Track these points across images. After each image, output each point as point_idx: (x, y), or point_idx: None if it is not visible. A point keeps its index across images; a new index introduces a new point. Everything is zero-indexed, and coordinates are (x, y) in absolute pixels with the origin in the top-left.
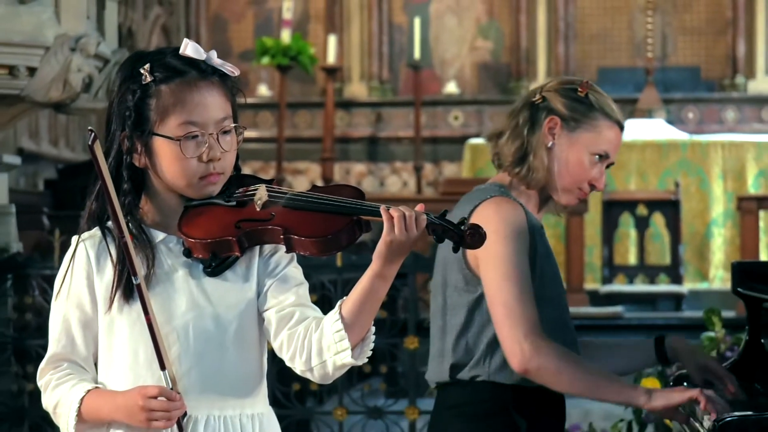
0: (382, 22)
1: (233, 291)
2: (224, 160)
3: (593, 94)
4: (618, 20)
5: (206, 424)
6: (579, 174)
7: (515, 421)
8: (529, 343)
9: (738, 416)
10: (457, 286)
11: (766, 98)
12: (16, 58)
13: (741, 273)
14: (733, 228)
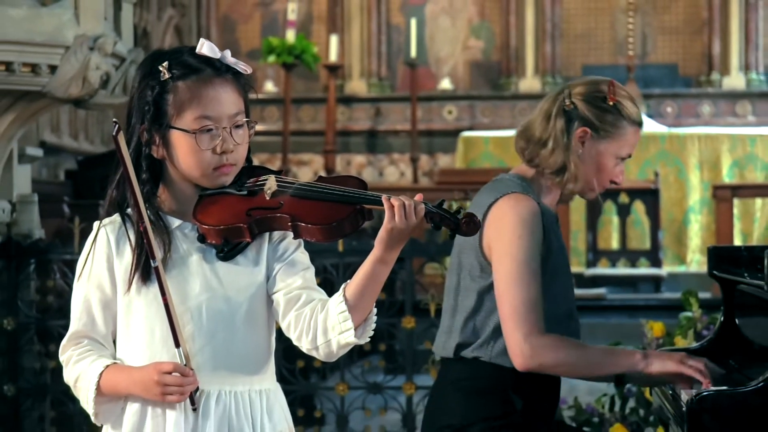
0: (380, 23)
1: (244, 274)
2: (237, 152)
3: (620, 101)
4: (601, 20)
5: (217, 398)
6: (605, 176)
7: (512, 400)
8: (529, 345)
9: (714, 390)
10: (472, 272)
11: (739, 94)
12: (38, 57)
13: (716, 257)
14: (709, 215)
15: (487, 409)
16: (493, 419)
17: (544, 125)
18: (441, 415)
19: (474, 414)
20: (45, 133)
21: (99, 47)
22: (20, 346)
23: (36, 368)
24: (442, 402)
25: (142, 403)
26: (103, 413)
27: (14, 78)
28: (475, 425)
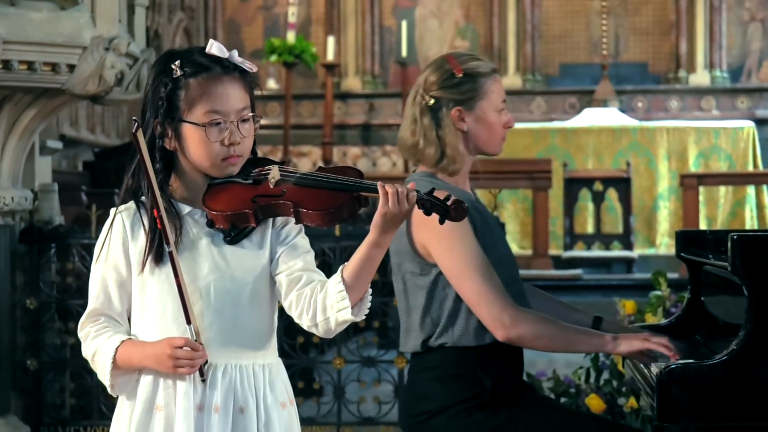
0: (373, 25)
1: (249, 257)
2: (243, 144)
3: (465, 68)
4: (577, 22)
5: (224, 371)
6: (497, 130)
7: (481, 380)
8: (507, 316)
9: (681, 364)
10: (413, 272)
11: (704, 90)
12: (58, 56)
13: (683, 240)
14: (677, 201)
15: (460, 392)
16: (466, 401)
17: (413, 128)
18: (417, 403)
19: (448, 398)
20: (64, 127)
21: (114, 48)
22: (42, 323)
23: (57, 344)
24: (417, 391)
25: (154, 375)
26: (119, 385)
27: (36, 76)
28: (450, 408)
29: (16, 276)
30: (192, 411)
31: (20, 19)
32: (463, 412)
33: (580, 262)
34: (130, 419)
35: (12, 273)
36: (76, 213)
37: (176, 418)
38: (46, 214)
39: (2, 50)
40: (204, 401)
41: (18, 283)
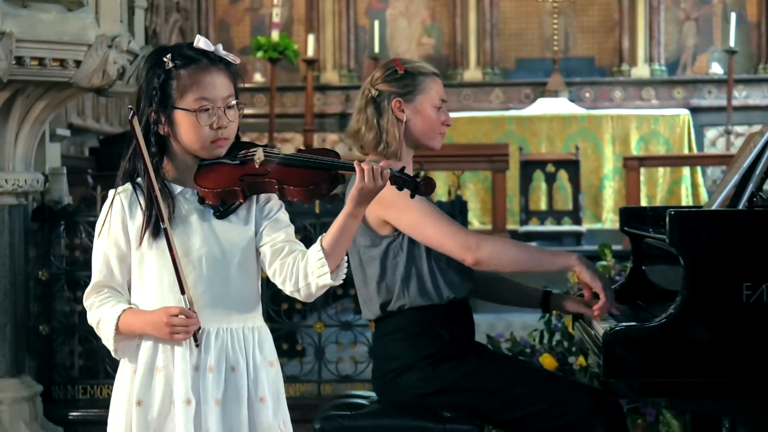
0: (349, 24)
1: (237, 231)
2: (229, 128)
3: (407, 67)
4: (531, 21)
5: (216, 334)
6: (434, 125)
7: (440, 334)
8: (472, 240)
9: (625, 326)
10: (366, 246)
11: (645, 81)
12: (66, 53)
13: (626, 216)
14: (620, 181)
15: (423, 348)
16: (431, 356)
17: (358, 117)
18: (387, 362)
19: (414, 355)
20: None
21: (116, 45)
22: (53, 293)
23: (66, 311)
24: (383, 353)
25: (154, 340)
26: (122, 349)
27: (46, 71)
28: (416, 364)
29: (30, 250)
30: (189, 371)
31: (31, 20)
32: (428, 366)
33: (535, 236)
34: (132, 379)
35: (26, 248)
36: (83, 194)
37: (175, 378)
38: (56, 195)
39: (15, 48)
40: (199, 362)
41: (31, 256)
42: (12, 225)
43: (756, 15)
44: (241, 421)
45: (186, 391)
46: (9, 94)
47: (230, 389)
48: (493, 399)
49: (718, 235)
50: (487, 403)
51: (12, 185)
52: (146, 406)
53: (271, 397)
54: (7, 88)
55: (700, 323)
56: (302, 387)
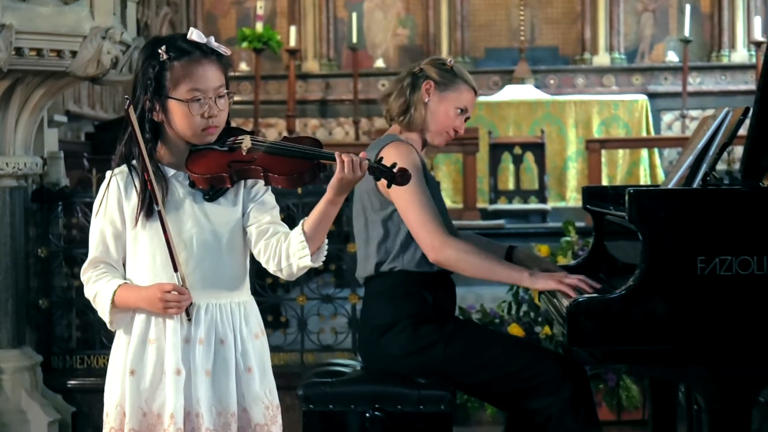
0: (329, 17)
1: (225, 212)
2: (220, 117)
3: (456, 67)
4: (499, 13)
5: (206, 309)
6: (447, 122)
7: (425, 298)
8: (437, 240)
9: (587, 297)
10: (374, 208)
11: (605, 69)
12: (62, 44)
13: (588, 195)
14: (583, 162)
15: (408, 308)
16: (414, 316)
17: (394, 85)
18: (373, 319)
19: (398, 314)
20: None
21: (109, 36)
22: (52, 269)
23: (64, 286)
24: (371, 309)
25: (147, 314)
26: (117, 321)
27: (44, 61)
28: (400, 322)
29: (29, 230)
30: (179, 343)
31: (30, 13)
32: (410, 327)
33: (503, 214)
34: (126, 350)
35: (26, 227)
36: (80, 176)
37: (166, 349)
38: (53, 177)
39: (15, 39)
40: (190, 335)
41: (31, 235)
42: (12, 206)
43: (709, 6)
44: (229, 391)
45: (176, 362)
46: (9, 83)
47: (219, 361)
48: (466, 361)
49: (674, 213)
50: (460, 366)
51: (12, 168)
52: (139, 376)
53: (257, 368)
54: (7, 77)
55: (657, 295)
56: (286, 356)
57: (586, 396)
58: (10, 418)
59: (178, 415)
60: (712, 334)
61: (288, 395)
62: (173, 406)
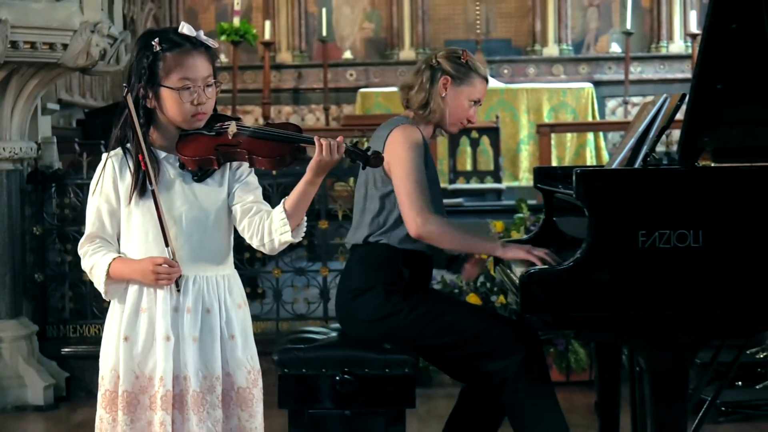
0: (300, 12)
1: (212, 192)
2: (208, 104)
3: (470, 60)
4: (457, 8)
5: (194, 281)
6: (462, 114)
7: (401, 271)
8: (421, 218)
9: (538, 268)
10: (376, 183)
11: (554, 59)
12: (54, 37)
13: (539, 174)
14: (534, 145)
15: (383, 277)
16: (388, 284)
17: (415, 77)
18: (350, 282)
19: (373, 281)
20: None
21: (98, 30)
22: (46, 245)
23: (57, 261)
24: (351, 273)
25: (139, 285)
26: (111, 292)
27: (37, 53)
28: (375, 288)
29: (25, 209)
30: (169, 312)
31: (24, 9)
32: (383, 293)
33: (462, 193)
34: (120, 318)
35: (21, 207)
36: (71, 160)
37: (157, 318)
38: (47, 161)
39: (10, 33)
40: (179, 304)
41: (26, 214)
42: (9, 187)
43: (649, 1)
44: (214, 356)
45: (166, 329)
46: (5, 74)
47: (205, 328)
48: (429, 326)
49: (617, 191)
50: (422, 330)
51: (9, 153)
52: (132, 342)
53: (240, 335)
54: (3, 68)
55: (602, 266)
56: (263, 324)
57: (538, 359)
58: (8, 383)
59: (167, 377)
60: (653, 302)
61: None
62: (163, 370)
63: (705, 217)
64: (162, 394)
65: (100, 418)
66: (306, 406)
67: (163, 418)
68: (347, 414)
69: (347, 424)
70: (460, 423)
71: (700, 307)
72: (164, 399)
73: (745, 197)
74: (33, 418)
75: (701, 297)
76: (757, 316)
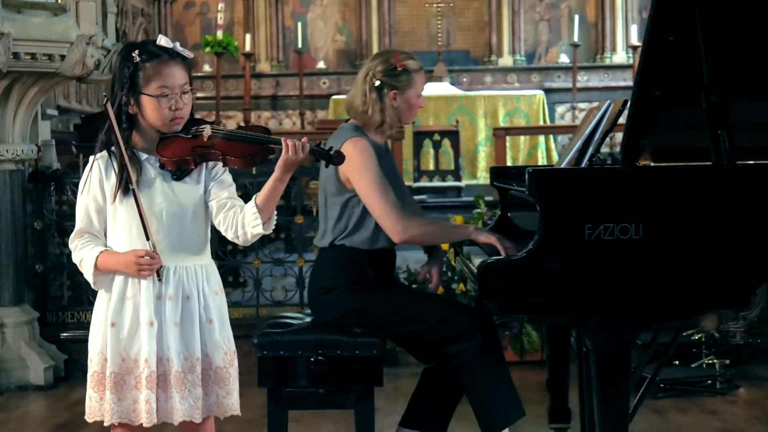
0: (278, 25)
1: (190, 190)
2: (185, 109)
3: (404, 63)
4: (420, 22)
5: (174, 271)
6: (414, 109)
7: (366, 271)
8: (400, 225)
9: (494, 259)
10: (333, 192)
11: (509, 69)
12: (53, 49)
13: (495, 173)
14: (491, 147)
15: (349, 276)
16: (353, 282)
17: (363, 99)
18: (318, 281)
19: (340, 279)
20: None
21: (93, 43)
22: (46, 239)
23: (56, 253)
24: (318, 273)
25: (125, 275)
26: (99, 282)
27: (37, 63)
28: (341, 286)
29: (27, 206)
30: (152, 299)
31: (25, 23)
32: (348, 290)
33: (425, 190)
34: (107, 306)
35: (23, 204)
36: (69, 161)
37: (141, 305)
38: (47, 162)
39: (12, 45)
40: (161, 292)
41: (28, 210)
42: (12, 186)
43: (594, 16)
44: (194, 339)
45: (150, 315)
46: (8, 83)
47: (185, 313)
48: (394, 317)
49: (566, 188)
50: (389, 321)
51: (12, 154)
52: (118, 327)
53: (217, 320)
54: (6, 77)
55: (552, 256)
56: (244, 311)
57: (494, 341)
58: (12, 364)
59: (151, 359)
60: (598, 289)
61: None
62: (147, 352)
63: (645, 211)
64: (147, 374)
65: (89, 396)
66: (283, 385)
67: (148, 396)
68: (321, 392)
69: (321, 401)
70: (423, 400)
71: (641, 293)
72: (149, 379)
73: (681, 194)
74: (34, 397)
75: (642, 284)
76: (691, 301)
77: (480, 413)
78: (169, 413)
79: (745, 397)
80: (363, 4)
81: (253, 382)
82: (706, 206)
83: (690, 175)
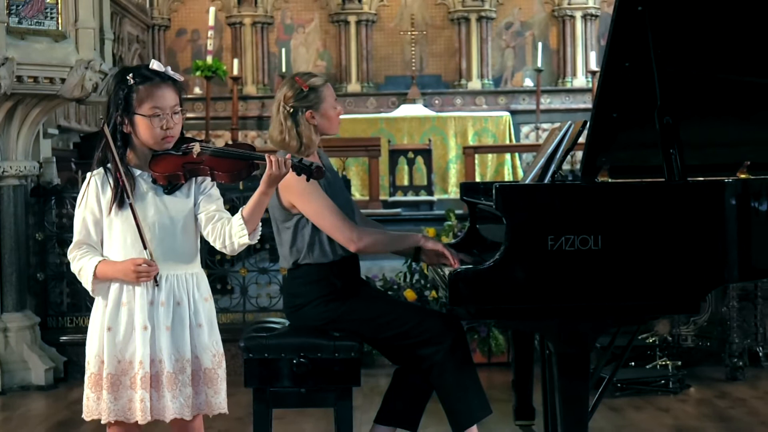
0: (263, 51)
1: (180, 203)
2: (175, 129)
3: (308, 82)
4: (395, 49)
5: (166, 278)
6: (335, 119)
7: (334, 282)
8: (355, 235)
9: (464, 268)
10: (281, 219)
11: (477, 92)
12: (54, 73)
13: (465, 189)
14: (461, 164)
15: (320, 290)
16: (325, 295)
17: (280, 128)
18: (293, 298)
19: (312, 294)
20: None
21: (91, 67)
22: (47, 249)
23: (57, 262)
24: (292, 290)
25: (120, 282)
26: (97, 290)
27: (39, 86)
28: (313, 301)
29: (29, 218)
30: (146, 305)
31: (28, 49)
32: (322, 303)
33: (400, 204)
34: (104, 312)
35: (26, 216)
36: (68, 176)
37: (135, 310)
38: (48, 177)
39: (16, 69)
40: (154, 298)
41: (30, 223)
42: (15, 200)
43: (556, 44)
44: (185, 342)
45: (143, 320)
46: (12, 104)
47: (176, 318)
48: (369, 324)
49: (530, 202)
50: (365, 328)
51: (15, 170)
52: (114, 332)
53: (206, 324)
54: (10, 99)
55: (517, 266)
56: (231, 316)
57: (463, 344)
58: (14, 366)
59: (145, 361)
60: (560, 296)
61: (233, 346)
62: (141, 355)
63: (603, 224)
64: (141, 375)
65: (87, 396)
66: (268, 385)
67: (143, 396)
68: (303, 391)
69: (303, 400)
70: (396, 398)
71: (599, 300)
72: (143, 379)
73: (637, 208)
74: (36, 397)
75: (600, 291)
76: (646, 307)
77: (450, 411)
78: (162, 411)
79: (695, 395)
80: (342, 32)
81: (239, 383)
82: (660, 219)
83: (645, 190)
